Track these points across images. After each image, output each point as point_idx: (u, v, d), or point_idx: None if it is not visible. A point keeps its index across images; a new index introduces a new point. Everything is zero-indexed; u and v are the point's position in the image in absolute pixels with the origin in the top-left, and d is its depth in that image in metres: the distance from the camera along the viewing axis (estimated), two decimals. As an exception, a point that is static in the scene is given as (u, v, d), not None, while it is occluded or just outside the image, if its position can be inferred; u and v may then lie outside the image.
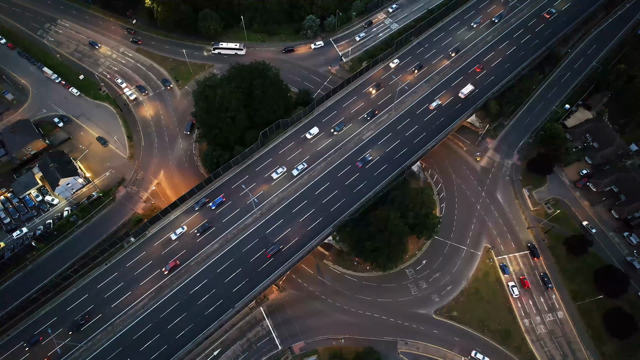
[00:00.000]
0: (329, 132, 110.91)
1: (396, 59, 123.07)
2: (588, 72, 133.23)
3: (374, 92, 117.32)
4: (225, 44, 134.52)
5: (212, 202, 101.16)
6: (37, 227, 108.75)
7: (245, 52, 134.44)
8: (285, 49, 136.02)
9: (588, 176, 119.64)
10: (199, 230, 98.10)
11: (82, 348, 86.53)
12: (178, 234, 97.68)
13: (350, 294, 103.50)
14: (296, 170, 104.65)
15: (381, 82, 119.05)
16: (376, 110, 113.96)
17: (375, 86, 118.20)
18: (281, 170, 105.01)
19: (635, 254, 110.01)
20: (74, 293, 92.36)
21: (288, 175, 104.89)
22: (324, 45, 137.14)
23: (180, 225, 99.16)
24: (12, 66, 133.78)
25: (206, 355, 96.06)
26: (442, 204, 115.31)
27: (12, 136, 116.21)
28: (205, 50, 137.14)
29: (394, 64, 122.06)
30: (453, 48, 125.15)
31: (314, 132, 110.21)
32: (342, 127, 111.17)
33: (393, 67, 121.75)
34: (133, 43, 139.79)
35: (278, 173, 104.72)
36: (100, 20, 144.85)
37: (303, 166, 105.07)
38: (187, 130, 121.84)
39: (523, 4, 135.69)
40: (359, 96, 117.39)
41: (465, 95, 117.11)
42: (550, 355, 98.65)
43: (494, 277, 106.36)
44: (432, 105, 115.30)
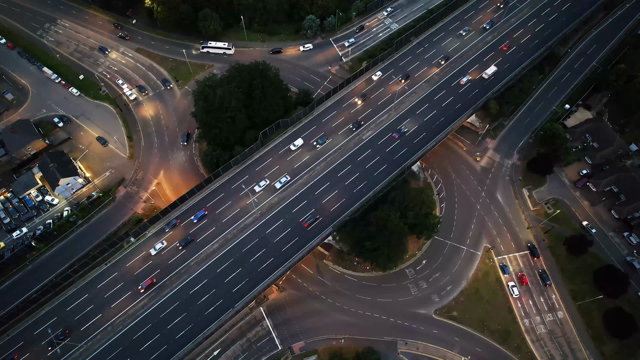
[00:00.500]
0: (311, 146, 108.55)
1: (378, 71, 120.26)
2: (588, 72, 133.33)
3: (359, 103, 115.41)
4: (214, 43, 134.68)
5: (194, 215, 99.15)
6: (37, 227, 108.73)
7: (234, 51, 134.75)
8: (273, 50, 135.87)
9: (588, 176, 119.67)
10: (181, 244, 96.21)
11: (82, 348, 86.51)
12: (158, 249, 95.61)
13: (350, 294, 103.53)
14: (282, 180, 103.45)
15: (367, 93, 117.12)
16: (362, 121, 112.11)
17: (361, 97, 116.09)
18: (263, 183, 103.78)
19: (635, 254, 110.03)
20: (73, 293, 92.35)
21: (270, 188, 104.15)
22: (313, 48, 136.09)
23: (160, 240, 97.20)
24: (12, 66, 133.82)
25: (206, 355, 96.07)
26: (442, 204, 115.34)
27: (12, 136, 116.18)
28: (194, 49, 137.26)
29: (377, 77, 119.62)
30: (442, 56, 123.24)
31: (298, 143, 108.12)
32: (325, 140, 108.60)
33: (375, 80, 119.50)
34: (120, 38, 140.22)
35: (260, 186, 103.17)
36: (101, 20, 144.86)
37: (286, 179, 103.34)
38: (184, 140, 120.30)
39: (523, 3, 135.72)
40: (343, 109, 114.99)
41: (489, 76, 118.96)
42: (550, 355, 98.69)
43: (494, 277, 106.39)
44: (464, 80, 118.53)
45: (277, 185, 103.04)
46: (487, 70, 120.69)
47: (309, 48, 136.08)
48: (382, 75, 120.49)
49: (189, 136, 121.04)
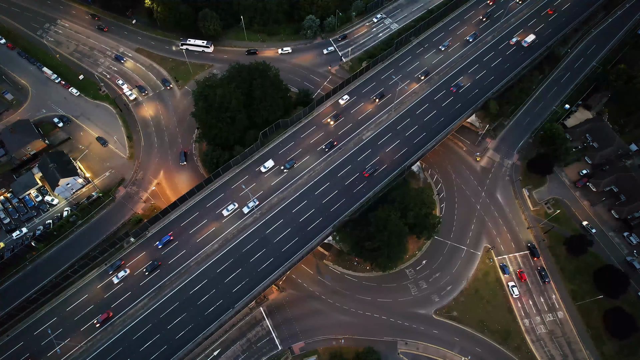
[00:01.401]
0: (279, 170, 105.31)
1: (346, 95, 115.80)
2: (588, 72, 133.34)
3: (332, 124, 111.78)
4: (192, 41, 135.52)
5: (159, 241, 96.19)
6: (37, 227, 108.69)
7: (213, 49, 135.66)
8: (248, 51, 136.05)
9: (588, 176, 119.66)
10: (148, 269, 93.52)
11: (82, 348, 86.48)
12: (120, 277, 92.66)
13: (350, 294, 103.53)
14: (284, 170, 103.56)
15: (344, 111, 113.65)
16: (335, 141, 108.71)
17: (333, 117, 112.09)
18: (270, 163, 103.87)
19: (635, 254, 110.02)
20: (73, 293, 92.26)
21: (278, 171, 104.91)
22: (292, 52, 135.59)
23: (124, 268, 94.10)
24: (12, 66, 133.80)
25: (206, 356, 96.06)
26: (442, 204, 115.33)
27: (11, 136, 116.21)
28: (174, 45, 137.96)
29: (343, 101, 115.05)
30: (422, 71, 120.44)
31: (268, 165, 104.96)
32: (293, 164, 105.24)
33: (342, 104, 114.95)
34: (99, 30, 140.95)
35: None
36: (101, 20, 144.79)
37: (254, 203, 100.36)
38: (183, 160, 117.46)
39: (523, 3, 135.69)
40: (317, 128, 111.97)
41: (529, 44, 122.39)
42: (550, 355, 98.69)
43: (494, 277, 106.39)
44: (513, 40, 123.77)
45: (248, 206, 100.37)
46: (526, 37, 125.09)
47: (287, 51, 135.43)
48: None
49: (186, 155, 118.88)
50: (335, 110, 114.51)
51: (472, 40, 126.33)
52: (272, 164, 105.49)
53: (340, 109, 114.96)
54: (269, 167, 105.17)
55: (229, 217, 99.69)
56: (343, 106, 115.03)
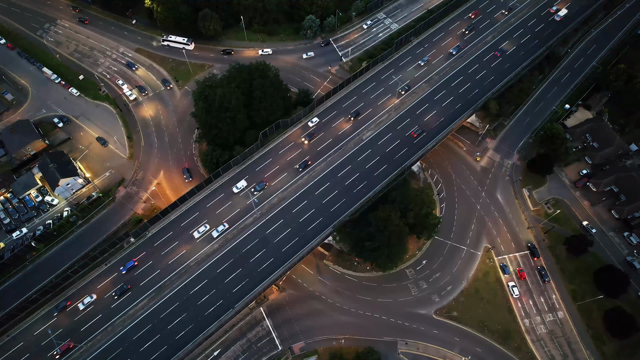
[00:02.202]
0: (247, 195, 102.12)
1: (315, 117, 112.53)
2: (588, 72, 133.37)
3: (306, 143, 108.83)
4: (174, 37, 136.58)
5: (122, 266, 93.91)
6: (37, 227, 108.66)
7: (194, 47, 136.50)
8: (224, 51, 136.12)
9: (588, 176, 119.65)
10: (116, 293, 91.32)
11: (82, 348, 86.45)
12: (86, 303, 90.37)
13: (350, 294, 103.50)
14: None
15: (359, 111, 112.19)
16: (310, 160, 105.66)
17: (308, 136, 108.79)
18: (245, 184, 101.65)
19: (635, 253, 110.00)
20: (73, 293, 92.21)
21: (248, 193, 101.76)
22: (272, 53, 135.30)
23: (89, 293, 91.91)
24: (12, 66, 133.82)
25: (206, 356, 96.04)
26: (442, 204, 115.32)
27: (11, 136, 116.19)
28: (156, 40, 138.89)
29: (312, 123, 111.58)
30: (403, 85, 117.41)
31: (240, 186, 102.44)
32: (263, 186, 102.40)
33: (311, 126, 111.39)
34: (80, 22, 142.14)
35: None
36: (100, 20, 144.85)
37: (223, 228, 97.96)
38: (188, 178, 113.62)
39: (523, 3, 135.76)
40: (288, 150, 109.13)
41: (561, 17, 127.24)
42: (551, 355, 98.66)
43: (494, 277, 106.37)
44: (553, 9, 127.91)
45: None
46: (559, 12, 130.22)
47: (267, 53, 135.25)
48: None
49: (190, 171, 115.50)
50: (309, 130, 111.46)
51: (456, 53, 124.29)
52: (244, 185, 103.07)
53: (312, 129, 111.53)
54: (241, 187, 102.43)
55: (202, 239, 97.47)
56: (313, 128, 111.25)
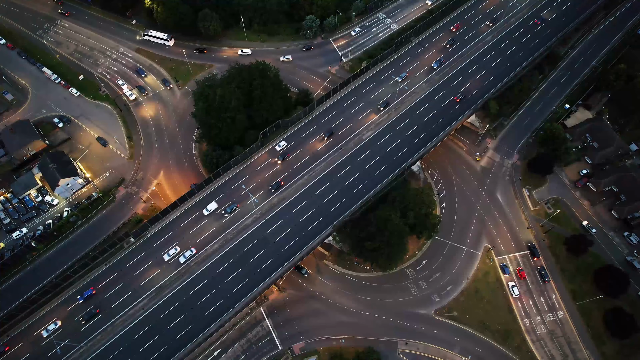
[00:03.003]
0: (220, 215, 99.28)
1: (282, 141, 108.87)
2: (588, 72, 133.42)
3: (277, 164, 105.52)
4: (154, 32, 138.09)
5: (80, 295, 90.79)
6: (37, 227, 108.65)
7: (173, 43, 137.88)
8: (196, 49, 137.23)
9: (588, 176, 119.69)
10: (84, 318, 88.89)
11: (82, 348, 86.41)
12: (50, 330, 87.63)
13: (350, 294, 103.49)
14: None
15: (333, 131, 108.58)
16: (282, 181, 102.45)
17: (281, 156, 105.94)
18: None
19: (635, 253, 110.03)
20: (73, 293, 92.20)
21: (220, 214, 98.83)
22: (251, 53, 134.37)
23: (53, 320, 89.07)
24: (12, 66, 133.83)
25: (206, 356, 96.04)
26: (442, 204, 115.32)
27: (11, 136, 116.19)
28: (138, 35, 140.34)
29: (280, 147, 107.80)
30: (382, 102, 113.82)
31: (211, 208, 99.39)
32: (234, 208, 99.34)
33: (279, 150, 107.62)
34: (61, 14, 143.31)
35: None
36: (100, 20, 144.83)
37: (191, 252, 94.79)
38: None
39: (523, 3, 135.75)
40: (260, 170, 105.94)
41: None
42: (551, 355, 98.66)
43: (494, 277, 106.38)
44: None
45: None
46: None
47: (247, 53, 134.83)
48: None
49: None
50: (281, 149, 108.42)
51: (437, 67, 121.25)
52: (215, 206, 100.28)
53: (284, 150, 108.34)
54: (211, 209, 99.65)
55: (171, 263, 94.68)
56: (280, 152, 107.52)
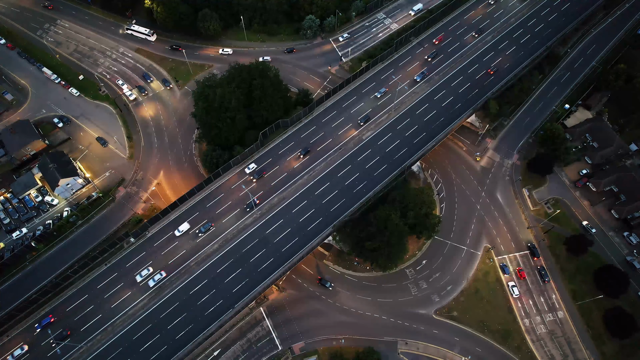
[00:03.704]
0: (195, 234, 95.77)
1: (252, 163, 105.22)
2: (588, 72, 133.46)
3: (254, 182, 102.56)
4: (137, 27, 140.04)
5: (38, 324, 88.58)
6: (37, 227, 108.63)
7: (155, 38, 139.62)
8: (172, 46, 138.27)
9: (588, 176, 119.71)
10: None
11: (82, 348, 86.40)
12: (16, 355, 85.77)
13: (350, 294, 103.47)
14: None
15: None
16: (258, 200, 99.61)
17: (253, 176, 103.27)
18: None
19: (635, 253, 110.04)
20: (73, 294, 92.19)
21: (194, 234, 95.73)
22: (232, 53, 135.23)
23: (20, 345, 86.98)
24: (12, 66, 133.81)
25: (206, 356, 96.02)
26: (442, 204, 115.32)
27: (11, 136, 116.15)
28: (122, 28, 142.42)
29: (249, 170, 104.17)
30: (362, 116, 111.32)
31: (183, 228, 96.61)
32: (208, 227, 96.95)
33: (248, 173, 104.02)
34: (44, 8, 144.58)
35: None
36: (100, 20, 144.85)
37: (160, 276, 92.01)
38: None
39: (523, 3, 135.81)
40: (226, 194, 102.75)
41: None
42: (551, 355, 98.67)
43: (494, 277, 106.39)
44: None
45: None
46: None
47: (227, 53, 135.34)
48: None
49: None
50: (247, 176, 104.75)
51: (420, 80, 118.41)
52: (187, 227, 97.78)
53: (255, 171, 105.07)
54: (183, 230, 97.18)
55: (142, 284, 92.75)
56: (248, 175, 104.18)
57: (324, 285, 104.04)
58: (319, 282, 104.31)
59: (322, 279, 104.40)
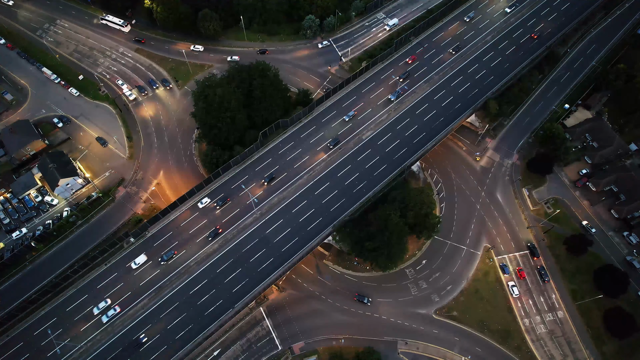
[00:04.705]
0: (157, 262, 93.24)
1: (206, 197, 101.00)
2: (587, 72, 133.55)
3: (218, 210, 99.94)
4: (111, 17, 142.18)
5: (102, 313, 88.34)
6: (37, 227, 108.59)
7: (129, 29, 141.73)
8: (135, 38, 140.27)
9: (587, 176, 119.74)
10: None
11: (82, 348, 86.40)
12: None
13: (350, 294, 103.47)
14: None
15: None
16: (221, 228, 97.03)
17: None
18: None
19: (634, 253, 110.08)
20: (73, 293, 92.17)
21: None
22: (203, 50, 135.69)
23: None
24: (12, 66, 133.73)
25: (206, 356, 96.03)
26: (442, 204, 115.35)
27: (11, 136, 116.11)
28: (96, 18, 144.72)
29: (202, 204, 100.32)
30: (330, 139, 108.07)
31: (139, 261, 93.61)
32: (172, 255, 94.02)
33: (201, 207, 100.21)
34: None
35: None
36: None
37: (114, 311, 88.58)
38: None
39: (523, 3, 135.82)
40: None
41: None
42: (550, 354, 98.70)
43: (494, 276, 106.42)
44: None
45: None
46: None
47: (199, 50, 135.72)
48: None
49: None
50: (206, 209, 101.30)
51: (394, 99, 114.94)
52: (144, 259, 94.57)
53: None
54: (139, 263, 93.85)
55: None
56: (204, 207, 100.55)
57: (361, 301, 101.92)
58: (356, 299, 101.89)
59: (359, 295, 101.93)
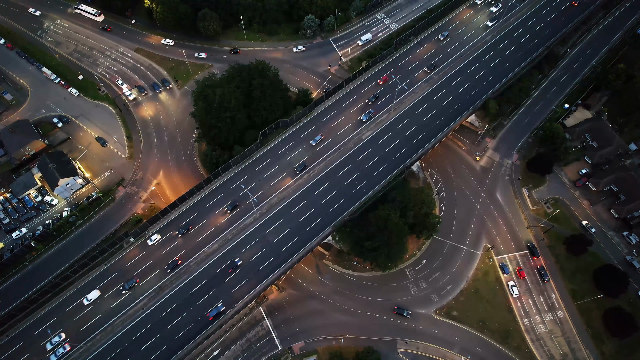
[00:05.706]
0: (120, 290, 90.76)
1: (156, 234, 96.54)
2: (587, 72, 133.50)
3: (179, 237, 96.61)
4: (84, 7, 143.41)
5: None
6: (37, 227, 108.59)
7: (103, 19, 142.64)
8: (101, 27, 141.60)
9: (587, 175, 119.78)
10: None
11: (82, 348, 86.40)
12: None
13: (350, 294, 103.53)
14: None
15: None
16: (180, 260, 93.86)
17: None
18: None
19: (634, 253, 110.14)
20: (73, 293, 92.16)
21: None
22: (173, 44, 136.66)
23: None
24: (11, 66, 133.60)
25: (206, 356, 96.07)
26: (441, 204, 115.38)
27: (11, 136, 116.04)
28: (70, 8, 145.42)
29: (151, 242, 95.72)
30: (297, 165, 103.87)
31: (92, 297, 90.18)
32: (133, 284, 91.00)
33: (150, 245, 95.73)
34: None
35: None
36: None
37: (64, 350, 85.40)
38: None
39: (522, 3, 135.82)
40: None
41: None
42: (550, 354, 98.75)
43: (494, 276, 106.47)
44: None
45: None
46: None
47: (169, 43, 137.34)
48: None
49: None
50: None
51: (366, 120, 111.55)
52: (97, 294, 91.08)
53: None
54: (92, 299, 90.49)
55: None
56: (153, 246, 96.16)
57: (401, 314, 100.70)
58: (396, 312, 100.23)
59: (398, 308, 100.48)
